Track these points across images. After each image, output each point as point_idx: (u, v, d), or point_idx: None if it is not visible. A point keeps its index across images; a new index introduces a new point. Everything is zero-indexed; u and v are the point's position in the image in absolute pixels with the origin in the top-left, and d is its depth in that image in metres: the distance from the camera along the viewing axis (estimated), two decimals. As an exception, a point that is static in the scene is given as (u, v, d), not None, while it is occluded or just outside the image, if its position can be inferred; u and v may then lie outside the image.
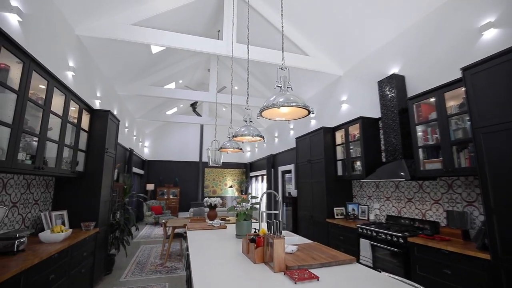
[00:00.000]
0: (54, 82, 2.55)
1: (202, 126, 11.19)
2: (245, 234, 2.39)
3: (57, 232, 2.51)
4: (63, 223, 3.17)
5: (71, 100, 2.93)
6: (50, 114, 2.53)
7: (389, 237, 2.99)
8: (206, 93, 7.00)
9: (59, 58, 3.29)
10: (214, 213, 4.06)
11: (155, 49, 5.39)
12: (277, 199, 8.59)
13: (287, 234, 3.00)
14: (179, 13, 4.75)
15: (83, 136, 3.40)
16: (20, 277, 1.82)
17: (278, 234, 1.75)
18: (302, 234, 5.26)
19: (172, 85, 8.17)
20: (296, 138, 5.75)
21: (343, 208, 4.39)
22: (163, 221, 4.99)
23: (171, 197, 10.66)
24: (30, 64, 2.15)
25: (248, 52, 3.23)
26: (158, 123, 10.91)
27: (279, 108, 1.60)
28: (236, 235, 2.77)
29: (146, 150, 10.79)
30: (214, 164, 5.97)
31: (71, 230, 2.75)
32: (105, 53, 4.55)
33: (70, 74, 3.56)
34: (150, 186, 10.23)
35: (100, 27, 3.80)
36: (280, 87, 1.79)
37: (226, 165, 11.83)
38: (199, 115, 9.99)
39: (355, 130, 4.20)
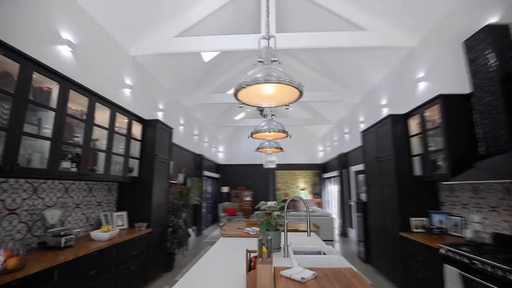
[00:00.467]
0: (96, 98, 2.87)
1: (269, 128, 11.12)
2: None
3: (103, 232, 2.80)
4: (123, 223, 3.57)
5: (117, 113, 3.27)
6: (95, 127, 2.86)
7: (490, 269, 1.97)
8: (263, 93, 6.85)
9: (114, 78, 3.77)
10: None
11: (206, 57, 5.61)
12: (350, 203, 7.48)
13: (329, 251, 2.42)
14: (219, 17, 4.75)
15: (136, 145, 3.77)
16: (54, 270, 2.04)
17: (267, 256, 1.32)
18: (373, 248, 4.33)
19: (233, 91, 8.43)
20: (361, 132, 4.84)
21: (425, 219, 3.30)
22: (220, 224, 5.06)
23: (245, 199, 11.00)
24: (67, 84, 2.46)
25: (272, 38, 2.81)
26: (230, 128, 11.51)
27: (245, 87, 1.20)
28: (263, 247, 2.40)
29: (220, 155, 11.55)
30: (270, 165, 5.71)
31: (118, 230, 3.03)
32: (161, 68, 5.01)
33: (127, 91, 4.04)
34: (225, 189, 10.87)
35: (149, 44, 4.19)
36: (262, 61, 1.38)
37: (297, 167, 11.35)
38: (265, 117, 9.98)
39: (435, 115, 3.11)
